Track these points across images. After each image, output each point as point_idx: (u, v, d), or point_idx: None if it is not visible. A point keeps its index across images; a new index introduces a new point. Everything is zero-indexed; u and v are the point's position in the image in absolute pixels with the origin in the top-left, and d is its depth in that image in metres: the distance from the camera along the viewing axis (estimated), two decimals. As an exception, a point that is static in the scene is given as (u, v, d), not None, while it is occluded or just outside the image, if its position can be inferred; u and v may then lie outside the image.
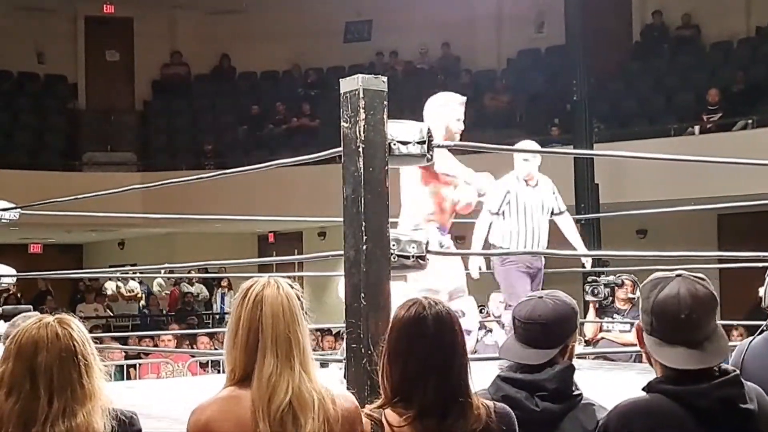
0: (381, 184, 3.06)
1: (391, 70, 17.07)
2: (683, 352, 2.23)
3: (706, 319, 2.28)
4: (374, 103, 3.06)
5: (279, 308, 2.26)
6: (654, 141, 12.87)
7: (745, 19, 15.49)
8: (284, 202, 13.81)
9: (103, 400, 2.26)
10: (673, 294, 2.26)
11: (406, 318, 2.32)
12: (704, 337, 2.26)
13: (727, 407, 2.22)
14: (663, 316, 2.26)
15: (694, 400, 2.22)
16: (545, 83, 15.66)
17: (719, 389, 2.22)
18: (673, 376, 2.26)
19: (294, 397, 2.20)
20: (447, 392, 2.26)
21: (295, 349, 2.24)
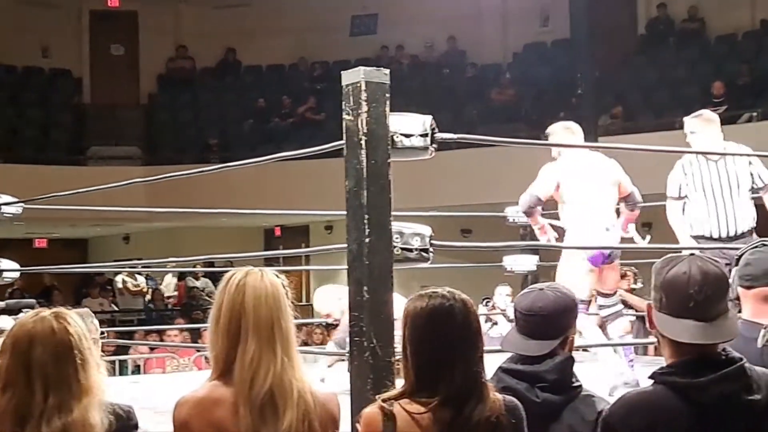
0: (384, 177, 3.06)
1: (397, 63, 17.04)
2: (692, 326, 2.23)
3: (716, 298, 2.27)
4: (377, 96, 3.05)
5: (262, 294, 2.26)
6: (659, 134, 12.84)
7: (750, 12, 15.45)
8: (291, 196, 13.82)
9: (100, 395, 2.24)
10: (684, 271, 2.27)
11: (433, 307, 2.33)
12: (714, 316, 2.26)
13: (730, 401, 2.21)
14: (672, 291, 2.26)
15: (696, 394, 2.21)
16: (551, 77, 15.63)
17: (722, 383, 2.21)
18: (677, 366, 2.26)
19: (275, 383, 2.20)
20: (470, 379, 2.28)
21: (277, 334, 2.24)
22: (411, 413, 2.25)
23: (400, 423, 2.26)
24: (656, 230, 13.66)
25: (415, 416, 2.25)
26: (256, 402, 2.19)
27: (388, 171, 3.06)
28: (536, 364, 2.61)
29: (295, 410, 2.20)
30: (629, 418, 2.25)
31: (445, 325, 2.31)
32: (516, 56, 17.19)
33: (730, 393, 2.21)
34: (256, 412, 2.19)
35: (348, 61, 15.63)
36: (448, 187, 13.35)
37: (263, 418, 2.19)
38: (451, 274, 8.56)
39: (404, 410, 2.26)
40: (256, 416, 2.19)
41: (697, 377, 2.22)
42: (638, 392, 2.33)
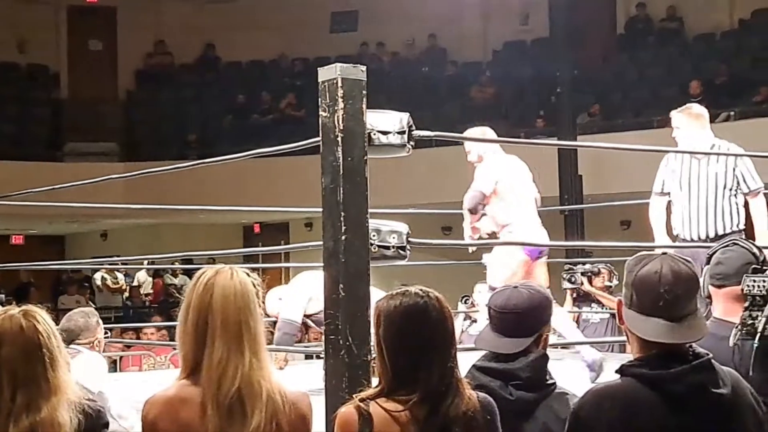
0: (360, 174, 3.04)
1: (378, 61, 17.03)
2: (661, 325, 2.24)
3: (686, 297, 2.29)
4: (353, 93, 3.04)
5: (230, 293, 2.23)
6: (638, 132, 12.89)
7: (729, 11, 15.54)
8: (270, 193, 13.78)
9: (69, 393, 2.22)
10: (655, 269, 2.28)
11: (408, 305, 2.32)
12: (683, 315, 2.27)
13: (699, 393, 2.23)
14: (643, 289, 2.27)
15: (666, 386, 2.23)
16: (530, 75, 15.66)
17: (691, 374, 2.23)
18: (646, 359, 2.27)
19: (243, 384, 2.18)
20: (446, 376, 2.27)
21: (245, 334, 2.22)
22: (389, 411, 2.25)
23: (377, 422, 2.25)
24: (634, 228, 13.74)
25: (393, 414, 2.24)
26: (224, 402, 2.17)
27: (365, 168, 3.05)
28: (510, 361, 2.60)
29: (263, 411, 2.18)
30: (599, 409, 2.26)
31: (420, 323, 2.30)
32: (496, 54, 17.21)
33: (698, 384, 2.23)
34: (224, 412, 2.17)
35: (328, 57, 15.60)
36: (428, 185, 13.36)
37: (231, 418, 2.18)
38: (431, 271, 8.57)
39: (382, 409, 2.25)
40: (223, 417, 2.17)
41: (666, 369, 2.24)
42: (607, 384, 2.34)
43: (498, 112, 15.71)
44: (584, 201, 12.21)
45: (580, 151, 12.48)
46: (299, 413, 2.28)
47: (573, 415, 2.32)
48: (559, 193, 12.41)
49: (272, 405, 2.20)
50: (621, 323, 2.36)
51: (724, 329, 2.82)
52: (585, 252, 10.20)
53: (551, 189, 12.39)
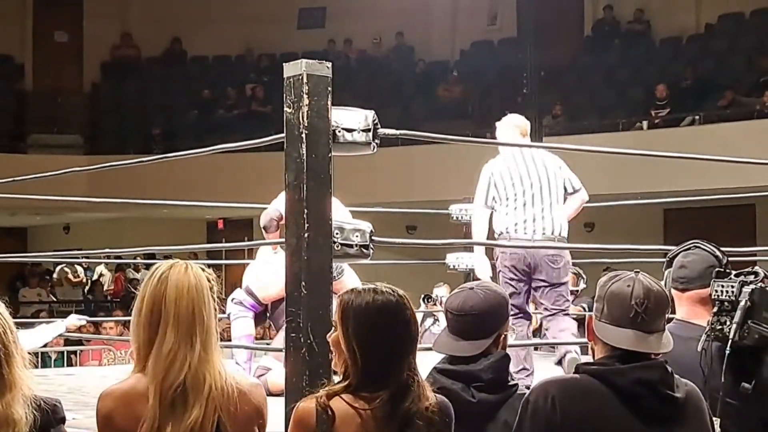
0: (324, 171, 3.02)
1: (345, 57, 17.01)
2: (632, 335, 2.30)
3: (657, 313, 2.34)
4: (318, 89, 3.02)
5: (183, 286, 2.23)
6: (603, 135, 12.97)
7: (695, 15, 15.66)
8: (235, 189, 13.71)
9: (24, 389, 2.19)
10: (627, 285, 2.34)
11: (382, 302, 2.29)
12: (653, 329, 2.33)
13: (646, 389, 2.28)
14: (614, 302, 2.33)
15: (614, 379, 2.28)
16: (497, 75, 15.71)
17: (637, 370, 2.28)
18: (603, 359, 2.33)
19: (189, 377, 2.18)
20: (411, 375, 2.26)
21: (197, 327, 2.22)
22: (355, 408, 2.22)
23: (340, 418, 2.22)
24: (598, 230, 13.83)
25: (358, 411, 2.22)
26: (168, 393, 2.17)
27: (329, 165, 3.03)
28: (471, 363, 2.60)
29: (203, 405, 2.18)
30: (550, 397, 2.30)
31: (395, 321, 2.28)
32: (463, 53, 17.23)
33: (648, 380, 2.28)
34: (167, 404, 2.17)
35: (295, 53, 15.54)
36: (394, 184, 13.36)
37: (173, 411, 2.17)
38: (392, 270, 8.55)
39: (347, 404, 2.23)
40: (165, 408, 2.17)
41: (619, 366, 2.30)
42: (560, 377, 2.43)
43: (464, 111, 15.75)
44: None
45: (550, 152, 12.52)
46: (252, 404, 2.27)
47: (524, 403, 2.36)
48: (524, 193, 12.42)
49: (216, 398, 2.19)
50: (590, 338, 2.40)
51: (688, 330, 2.84)
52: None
53: (516, 189, 12.44)
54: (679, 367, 2.41)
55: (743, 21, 15.14)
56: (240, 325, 5.46)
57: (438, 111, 15.39)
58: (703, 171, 10.45)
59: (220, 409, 2.20)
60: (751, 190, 9.30)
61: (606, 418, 2.29)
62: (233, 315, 5.47)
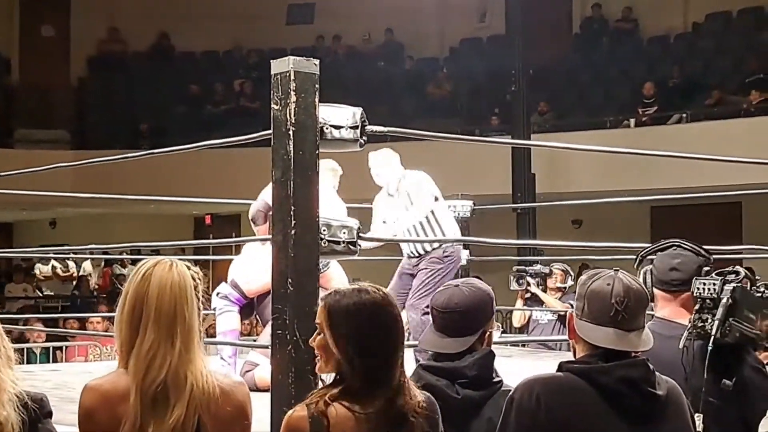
0: (311, 168, 3.02)
1: (333, 54, 16.98)
2: (612, 333, 2.32)
3: (636, 311, 2.36)
4: (306, 86, 3.01)
5: (166, 284, 2.23)
6: (591, 133, 13.00)
7: (683, 14, 15.69)
8: (223, 184, 13.69)
9: (9, 389, 2.18)
10: (608, 283, 2.36)
11: (375, 303, 2.27)
12: (633, 327, 2.35)
13: (629, 387, 2.30)
14: (595, 300, 2.35)
15: (597, 377, 2.30)
16: (486, 73, 15.71)
17: (620, 369, 2.31)
18: (585, 358, 2.35)
19: (170, 375, 2.17)
20: (387, 374, 2.24)
21: (179, 326, 2.21)
22: (353, 411, 2.18)
23: (334, 424, 2.18)
24: (585, 227, 13.86)
25: (356, 414, 2.18)
26: (148, 391, 2.17)
27: (317, 162, 3.02)
28: (456, 360, 2.60)
29: (185, 404, 2.18)
30: (535, 395, 2.32)
31: (386, 320, 2.27)
32: (453, 51, 17.23)
33: (626, 378, 2.30)
34: (148, 402, 2.17)
35: (284, 49, 15.50)
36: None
37: (154, 410, 2.17)
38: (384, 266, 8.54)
39: (344, 408, 2.19)
40: (146, 407, 2.17)
41: (602, 364, 2.32)
42: (544, 375, 2.40)
43: (453, 108, 15.75)
44: (537, 199, 12.28)
45: (534, 149, 12.55)
46: (235, 404, 2.26)
47: (509, 401, 2.38)
48: (512, 191, 12.47)
49: (198, 397, 2.19)
50: (571, 337, 2.42)
51: (669, 329, 2.85)
52: (536, 250, 10.25)
53: (504, 187, 12.46)
54: (660, 365, 2.42)
55: (731, 20, 15.19)
56: (225, 320, 5.45)
57: (427, 108, 15.39)
58: (689, 169, 10.47)
59: (201, 409, 2.19)
60: (737, 188, 9.30)
61: (590, 415, 2.30)
62: (218, 309, 5.46)
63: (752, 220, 12.89)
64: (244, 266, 5.48)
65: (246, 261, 5.50)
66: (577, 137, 12.39)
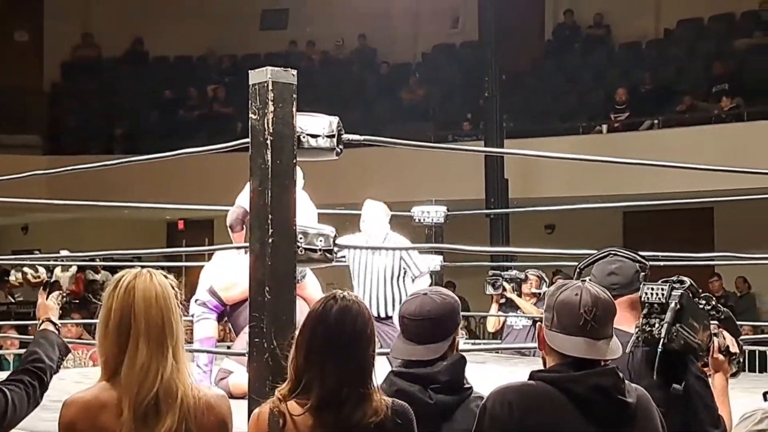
0: (289, 177, 3.04)
1: (307, 59, 16.99)
2: (582, 342, 2.36)
3: (605, 321, 2.40)
4: (284, 96, 3.04)
5: (152, 296, 2.25)
6: (564, 138, 13.07)
7: (654, 20, 15.81)
8: (196, 189, 13.65)
9: None
10: (576, 293, 2.40)
11: (315, 308, 2.34)
12: (602, 336, 2.39)
13: (601, 395, 2.34)
14: (564, 311, 2.38)
15: (569, 386, 2.34)
16: (459, 78, 15.77)
17: (592, 377, 2.34)
18: (557, 366, 2.39)
19: (162, 387, 2.19)
20: (346, 382, 2.26)
21: (168, 338, 2.23)
22: (293, 415, 2.25)
23: (291, 421, 2.25)
24: (558, 233, 13.94)
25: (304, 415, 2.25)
26: (141, 406, 2.18)
27: (294, 171, 3.05)
28: (428, 366, 2.63)
29: (176, 415, 2.20)
30: (507, 404, 2.35)
31: (317, 327, 2.31)
32: (425, 56, 17.28)
33: (597, 387, 2.34)
34: (140, 415, 2.18)
35: (257, 55, 15.52)
36: (356, 185, 13.36)
37: (146, 422, 2.18)
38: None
39: (299, 407, 2.26)
40: (138, 420, 2.18)
41: (570, 373, 2.36)
42: (516, 383, 2.43)
43: (426, 113, 15.79)
44: (510, 204, 12.35)
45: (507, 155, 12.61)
46: (218, 416, 2.29)
47: (482, 409, 2.41)
48: (485, 196, 12.53)
49: (186, 408, 2.21)
50: (541, 348, 2.46)
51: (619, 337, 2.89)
52: (509, 256, 10.30)
53: (477, 192, 12.52)
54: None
55: (702, 26, 15.32)
56: (203, 327, 5.45)
57: (401, 113, 15.42)
58: (662, 175, 10.55)
59: (188, 419, 2.22)
60: (709, 194, 9.42)
61: (561, 423, 2.34)
62: (196, 316, 5.46)
63: (724, 226, 13.01)
64: (221, 273, 5.48)
65: (223, 267, 5.50)
66: (550, 143, 12.46)
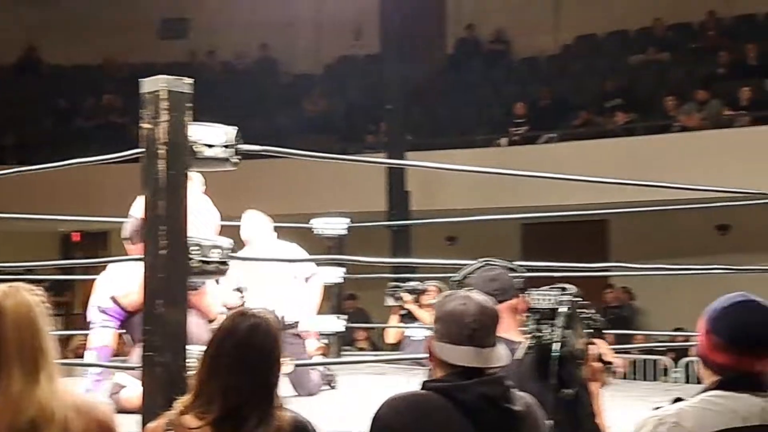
0: (182, 188, 2.99)
1: (208, 69, 16.82)
2: (470, 351, 2.41)
3: (491, 329, 2.47)
4: (178, 105, 2.99)
5: (23, 318, 2.16)
6: (464, 151, 13.19)
7: (553, 36, 16.10)
8: (91, 201, 13.38)
9: None
10: (462, 303, 2.46)
11: (224, 324, 2.33)
12: (489, 344, 2.45)
13: (488, 403, 2.40)
14: (451, 321, 2.44)
15: (454, 394, 2.39)
16: (362, 90, 15.81)
17: (479, 386, 2.40)
18: (446, 376, 2.44)
19: (39, 411, 2.12)
20: (250, 399, 2.24)
21: (41, 360, 2.16)
22: (191, 428, 2.23)
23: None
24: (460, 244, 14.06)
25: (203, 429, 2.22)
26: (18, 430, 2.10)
27: (187, 182, 2.99)
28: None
29: None
30: (396, 412, 2.41)
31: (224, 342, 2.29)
32: (328, 68, 17.28)
33: (484, 395, 2.40)
34: None
35: (156, 64, 15.28)
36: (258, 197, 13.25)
37: None
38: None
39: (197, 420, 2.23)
40: None
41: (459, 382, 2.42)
42: (407, 392, 2.48)
43: (329, 125, 15.77)
44: (412, 216, 12.40)
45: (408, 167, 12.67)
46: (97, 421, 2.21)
47: (374, 418, 2.44)
48: (387, 208, 12.56)
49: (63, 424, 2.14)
50: (431, 359, 2.49)
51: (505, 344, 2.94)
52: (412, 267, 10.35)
53: (379, 204, 12.55)
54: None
55: (598, 42, 15.67)
56: (100, 335, 5.32)
57: (303, 125, 15.37)
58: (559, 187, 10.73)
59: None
60: (604, 207, 9.60)
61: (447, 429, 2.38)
62: (96, 323, 5.33)
63: (618, 238, 13.29)
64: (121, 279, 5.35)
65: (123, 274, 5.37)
66: (450, 155, 12.56)
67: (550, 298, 2.89)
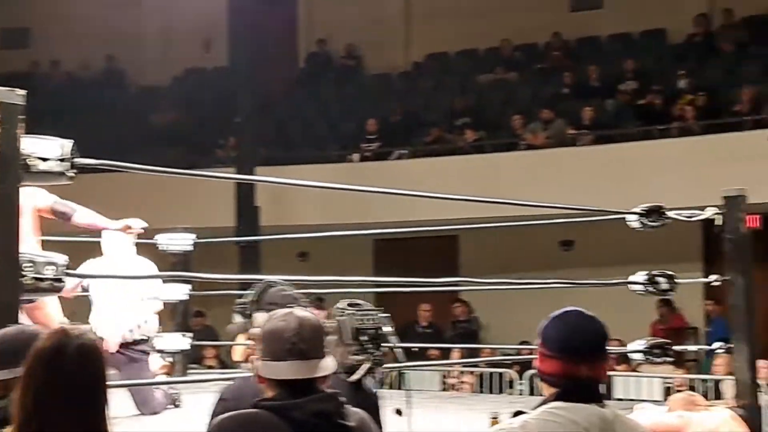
0: (14, 202, 2.84)
1: (51, 80, 16.31)
2: (292, 365, 2.43)
3: (313, 340, 2.48)
4: (9, 117, 2.86)
5: None
6: (316, 166, 13.16)
7: (404, 53, 16.27)
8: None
9: None
10: (282, 320, 2.49)
11: (47, 347, 2.14)
12: (311, 356, 2.46)
13: (322, 420, 2.42)
14: (272, 338, 2.46)
15: (291, 413, 2.40)
16: (212, 103, 15.59)
17: (312, 403, 2.42)
18: (277, 394, 2.45)
19: None
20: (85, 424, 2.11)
21: None
22: None
23: None
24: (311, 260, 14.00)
25: None
26: None
27: (18, 196, 2.84)
28: None
29: None
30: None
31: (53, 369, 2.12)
32: (176, 80, 16.99)
33: (319, 412, 2.42)
34: None
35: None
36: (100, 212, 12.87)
37: None
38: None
39: None
40: None
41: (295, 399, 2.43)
42: (237, 413, 2.47)
43: (178, 138, 15.49)
44: (261, 232, 12.28)
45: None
46: None
47: None
48: (235, 223, 12.40)
49: None
50: (260, 381, 2.49)
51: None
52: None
53: (227, 220, 12.38)
54: None
55: (448, 61, 15.91)
56: None
57: (151, 137, 15.05)
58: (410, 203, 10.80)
59: None
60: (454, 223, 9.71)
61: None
62: None
63: (468, 253, 13.49)
64: None
65: None
66: (302, 170, 12.50)
67: (371, 316, 2.97)
